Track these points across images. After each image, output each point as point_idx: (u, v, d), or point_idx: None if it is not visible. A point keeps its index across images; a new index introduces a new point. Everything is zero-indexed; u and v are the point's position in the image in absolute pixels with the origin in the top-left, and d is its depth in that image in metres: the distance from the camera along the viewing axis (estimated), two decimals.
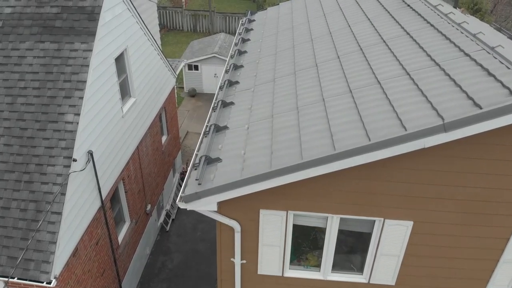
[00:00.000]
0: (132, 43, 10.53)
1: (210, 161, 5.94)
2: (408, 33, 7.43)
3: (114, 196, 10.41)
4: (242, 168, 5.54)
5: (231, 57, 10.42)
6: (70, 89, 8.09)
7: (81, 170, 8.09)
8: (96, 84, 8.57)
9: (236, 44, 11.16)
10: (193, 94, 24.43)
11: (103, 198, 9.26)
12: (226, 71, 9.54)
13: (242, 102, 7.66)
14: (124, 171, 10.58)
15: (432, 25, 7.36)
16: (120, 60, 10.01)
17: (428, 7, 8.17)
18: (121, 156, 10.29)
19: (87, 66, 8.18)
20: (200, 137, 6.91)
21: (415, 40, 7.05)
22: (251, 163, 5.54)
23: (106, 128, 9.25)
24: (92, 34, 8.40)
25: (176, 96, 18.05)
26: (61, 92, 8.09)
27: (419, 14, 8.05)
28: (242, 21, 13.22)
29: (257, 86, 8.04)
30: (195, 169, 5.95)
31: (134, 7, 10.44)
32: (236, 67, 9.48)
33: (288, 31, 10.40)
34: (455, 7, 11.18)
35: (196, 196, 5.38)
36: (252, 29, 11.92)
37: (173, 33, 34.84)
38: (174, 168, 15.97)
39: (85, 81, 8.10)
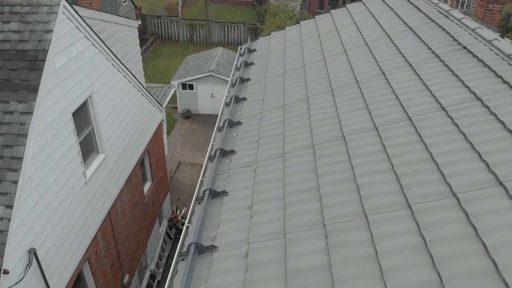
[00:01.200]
0: (99, 87, 8.25)
1: None
2: (478, 98, 5.16)
3: (77, 282, 8.13)
4: None
5: (226, 105, 8.16)
6: (1, 169, 5.82)
7: (16, 283, 5.82)
8: (39, 156, 6.30)
9: (233, 85, 8.90)
10: (187, 115, 22.19)
11: None
12: (219, 129, 7.27)
13: (239, 191, 5.39)
14: (90, 249, 8.30)
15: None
16: (81, 112, 7.74)
17: (498, 55, 5.88)
18: (85, 233, 8.02)
19: (25, 135, 5.91)
20: (174, 261, 4.65)
21: (494, 114, 4.78)
22: None
23: (59, 208, 6.98)
24: (34, 89, 6.13)
25: (165, 126, 15.83)
26: None
27: (486, 65, 5.78)
28: (240, 49, 10.95)
29: (260, 164, 5.77)
30: None
31: (102, 41, 8.16)
32: (233, 123, 7.21)
33: (299, 72, 8.13)
34: (502, 36, 9.00)
35: None
36: (252, 64, 9.65)
37: (168, 44, 32.63)
38: (161, 214, 13.71)
39: (21, 158, 5.84)
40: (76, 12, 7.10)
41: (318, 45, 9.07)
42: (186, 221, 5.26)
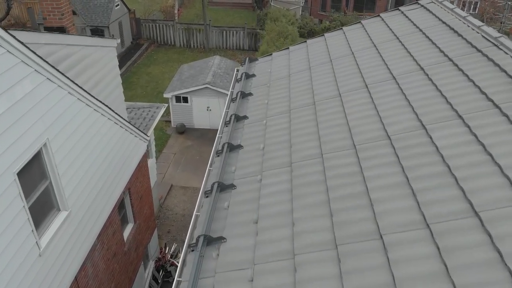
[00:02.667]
0: (59, 130, 6.60)
1: None
2: None
3: None
4: None
5: (217, 154, 6.51)
6: None
7: None
8: None
9: (227, 124, 7.25)
10: (181, 130, 20.60)
11: None
12: (206, 193, 5.63)
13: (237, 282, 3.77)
14: None
15: None
16: (32, 168, 6.10)
17: None
18: None
19: None
20: None
21: None
22: None
23: None
24: None
25: (154, 150, 14.21)
26: None
27: None
28: (236, 74, 9.29)
29: (259, 269, 4.12)
30: None
31: (62, 73, 6.51)
32: (223, 187, 5.57)
33: (308, 113, 6.48)
34: None
35: None
36: (250, 94, 8.01)
37: (164, 49, 31.03)
38: (146, 254, 12.08)
39: None
40: (22, 43, 5.45)
41: (331, 75, 7.42)
42: None
